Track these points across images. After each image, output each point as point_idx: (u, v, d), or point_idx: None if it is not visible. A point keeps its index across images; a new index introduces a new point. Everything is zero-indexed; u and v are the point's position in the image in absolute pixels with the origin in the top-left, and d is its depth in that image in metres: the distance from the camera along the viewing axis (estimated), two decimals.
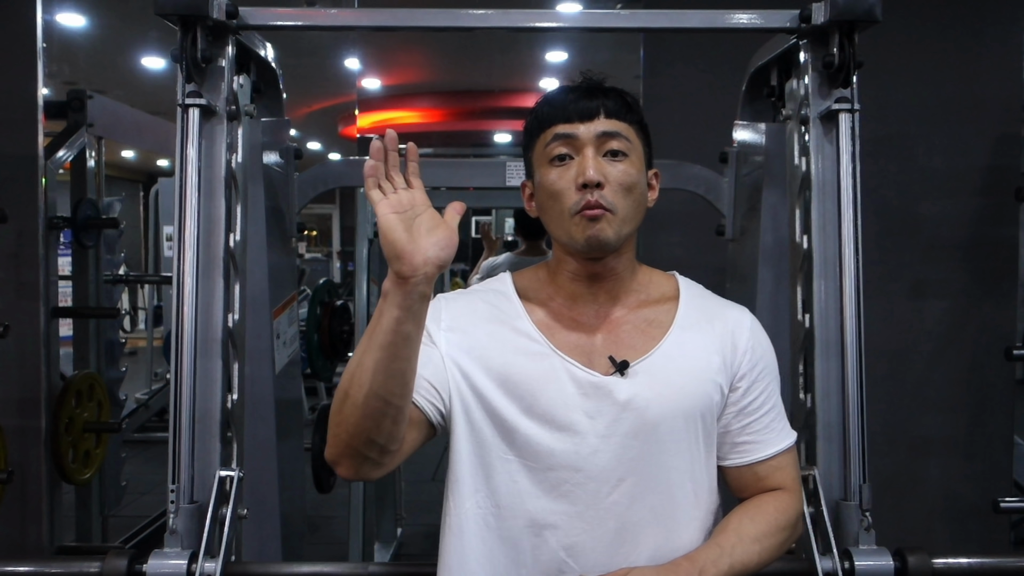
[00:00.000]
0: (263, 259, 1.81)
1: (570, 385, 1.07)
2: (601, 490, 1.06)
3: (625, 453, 1.06)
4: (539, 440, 1.06)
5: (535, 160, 1.14)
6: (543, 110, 1.13)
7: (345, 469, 1.02)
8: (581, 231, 1.07)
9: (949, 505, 2.67)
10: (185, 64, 1.38)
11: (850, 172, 1.41)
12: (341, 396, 0.98)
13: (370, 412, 0.96)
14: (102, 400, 2.79)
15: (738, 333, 1.15)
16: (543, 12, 1.56)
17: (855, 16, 1.37)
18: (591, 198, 1.06)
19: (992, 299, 2.63)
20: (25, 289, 2.41)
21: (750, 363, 1.14)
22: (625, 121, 1.11)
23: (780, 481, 1.15)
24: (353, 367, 0.97)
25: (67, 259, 2.99)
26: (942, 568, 1.31)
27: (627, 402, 1.06)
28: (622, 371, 1.07)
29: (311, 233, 15.00)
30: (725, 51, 2.07)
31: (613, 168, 1.08)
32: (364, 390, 0.95)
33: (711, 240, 2.20)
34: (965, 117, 2.60)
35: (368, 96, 7.90)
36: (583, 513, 1.06)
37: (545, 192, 1.11)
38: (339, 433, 0.99)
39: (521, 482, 1.07)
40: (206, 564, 1.26)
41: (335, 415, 0.99)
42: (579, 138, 1.08)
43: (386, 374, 0.95)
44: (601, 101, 1.10)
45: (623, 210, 1.08)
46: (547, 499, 1.06)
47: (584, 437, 1.06)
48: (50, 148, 2.54)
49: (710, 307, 1.18)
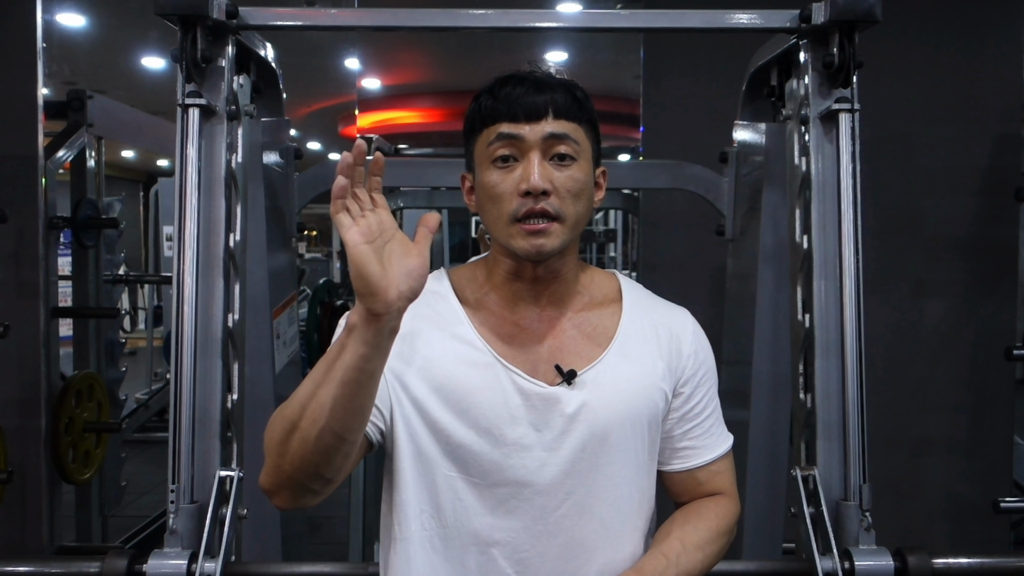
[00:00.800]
0: (263, 259, 1.81)
1: (516, 396, 1.03)
2: (549, 504, 1.02)
3: (574, 466, 1.03)
4: (485, 455, 1.02)
5: (476, 156, 1.07)
6: (487, 103, 1.05)
7: (282, 500, 0.96)
8: (520, 242, 1.02)
9: (949, 505, 2.67)
10: (185, 64, 1.38)
11: (850, 172, 1.41)
12: (286, 427, 0.90)
13: (322, 448, 0.89)
14: (102, 400, 2.79)
15: (682, 338, 1.13)
16: (543, 12, 1.55)
17: (855, 16, 1.37)
18: (535, 206, 1.00)
19: (992, 299, 2.63)
20: (25, 289, 2.41)
21: (693, 368, 1.13)
22: (574, 120, 1.04)
23: (719, 485, 1.14)
24: (304, 398, 0.89)
25: (67, 259, 2.99)
26: (942, 568, 1.31)
27: (575, 413, 1.03)
28: (569, 381, 1.03)
29: (311, 233, 15.00)
30: (725, 51, 2.07)
31: (560, 174, 1.02)
32: (319, 426, 0.88)
33: (711, 240, 2.20)
34: (965, 117, 2.60)
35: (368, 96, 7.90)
36: (531, 528, 1.02)
37: (485, 193, 1.05)
38: (281, 465, 0.92)
39: (466, 500, 1.02)
40: (206, 564, 1.26)
41: (277, 446, 0.91)
42: (525, 140, 1.02)
43: (345, 411, 0.88)
44: (550, 97, 1.03)
45: (570, 217, 1.03)
46: (493, 516, 1.02)
47: (531, 451, 1.02)
48: (50, 148, 2.54)
49: (653, 310, 1.15)
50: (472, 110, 1.08)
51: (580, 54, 6.25)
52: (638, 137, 2.77)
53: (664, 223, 2.72)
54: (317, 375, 0.89)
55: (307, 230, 14.37)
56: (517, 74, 1.07)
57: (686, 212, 2.62)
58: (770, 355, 1.88)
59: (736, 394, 2.05)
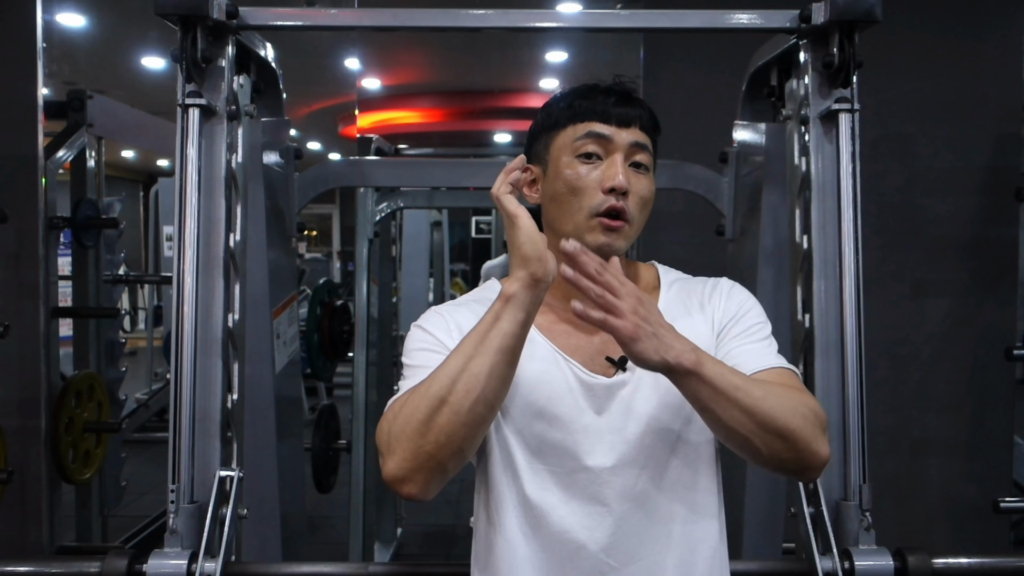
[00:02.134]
0: (263, 259, 1.81)
1: (578, 388, 1.08)
2: (626, 484, 1.07)
3: (642, 442, 1.07)
4: (560, 443, 1.07)
5: (556, 148, 1.13)
6: (579, 103, 1.12)
7: (416, 486, 0.97)
8: (596, 236, 1.08)
9: (949, 505, 2.67)
10: (185, 64, 1.38)
11: (850, 172, 1.41)
12: (432, 404, 0.95)
13: (474, 419, 0.95)
14: (102, 400, 2.79)
15: (714, 296, 1.16)
16: (543, 12, 1.56)
17: (855, 16, 1.37)
18: (616, 203, 1.08)
19: (992, 299, 2.63)
20: (25, 289, 2.41)
21: (727, 307, 1.14)
22: (651, 137, 1.15)
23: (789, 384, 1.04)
24: (454, 372, 0.95)
25: (67, 259, 2.99)
26: (942, 568, 1.31)
27: (631, 396, 1.08)
28: (623, 367, 1.09)
29: (311, 233, 15.00)
30: (725, 51, 2.07)
31: (637, 180, 1.11)
32: (472, 396, 0.94)
33: (711, 240, 2.20)
34: (965, 117, 2.60)
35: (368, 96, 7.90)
36: (613, 510, 1.07)
37: (565, 184, 1.10)
38: (423, 446, 0.95)
39: (551, 489, 1.07)
40: (206, 564, 1.26)
41: (420, 425, 0.95)
42: (613, 142, 1.10)
43: (499, 380, 0.96)
44: (639, 111, 1.13)
45: (637, 223, 1.12)
46: (577, 502, 1.07)
47: (601, 435, 1.07)
48: (50, 148, 2.54)
49: (689, 287, 1.19)
50: (558, 107, 1.14)
51: (580, 54, 6.24)
52: None
53: (664, 223, 2.71)
54: (466, 348, 0.96)
55: (307, 230, 14.37)
56: (608, 85, 1.16)
57: (686, 212, 2.62)
58: None
59: None
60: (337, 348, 3.81)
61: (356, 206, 3.15)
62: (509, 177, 1.02)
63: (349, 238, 11.37)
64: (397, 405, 0.99)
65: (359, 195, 3.12)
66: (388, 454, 0.97)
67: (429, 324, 1.11)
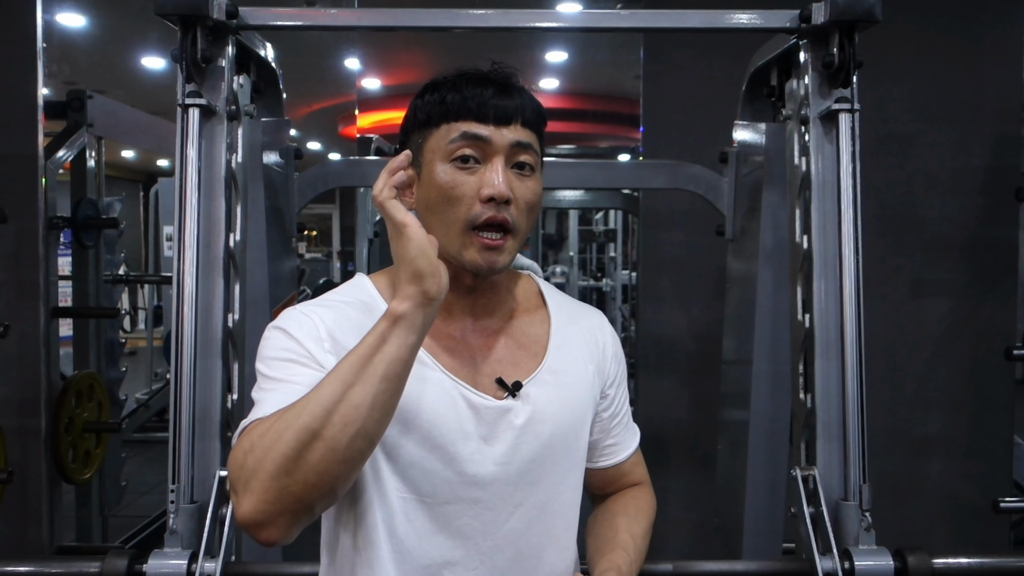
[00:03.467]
0: (263, 259, 1.81)
1: (467, 410, 0.99)
2: (499, 518, 1.01)
3: (523, 478, 1.01)
4: (437, 474, 0.98)
5: (429, 150, 1.00)
6: (451, 98, 0.99)
7: (276, 531, 0.83)
8: (473, 254, 0.98)
9: (949, 505, 2.67)
10: (185, 64, 1.38)
11: (850, 172, 1.41)
12: (302, 438, 0.81)
13: (352, 456, 0.83)
14: (102, 400, 2.79)
15: (604, 340, 1.14)
16: (543, 12, 1.55)
17: (855, 16, 1.37)
18: (496, 214, 0.96)
19: (992, 299, 2.63)
20: (25, 289, 2.41)
21: (615, 369, 1.15)
22: (536, 132, 1.02)
23: (639, 475, 1.20)
24: (328, 402, 0.82)
25: (67, 259, 2.99)
26: (942, 568, 1.31)
27: (524, 425, 1.01)
28: (514, 393, 1.01)
29: (311, 233, 14.99)
30: (725, 51, 2.07)
31: (522, 185, 0.99)
32: (352, 430, 0.82)
33: (711, 240, 2.20)
34: (965, 117, 2.60)
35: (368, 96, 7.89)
36: (480, 545, 1.00)
37: (439, 192, 0.98)
38: (288, 486, 0.81)
39: (417, 520, 0.98)
40: (206, 564, 1.26)
41: (285, 463, 0.81)
42: (492, 143, 0.98)
43: (383, 410, 0.85)
44: (519, 103, 1.00)
45: (522, 231, 1.00)
46: (444, 535, 0.99)
47: (482, 465, 0.99)
48: (50, 148, 2.54)
49: (574, 313, 1.14)
50: (429, 102, 1.02)
51: (580, 54, 6.24)
52: (638, 137, 2.77)
53: (664, 223, 2.71)
54: (345, 374, 0.84)
55: (307, 230, 14.37)
56: (483, 73, 1.03)
57: (686, 212, 2.62)
58: (770, 355, 1.88)
59: (736, 394, 2.05)
60: None
61: (356, 206, 3.15)
62: (393, 179, 0.89)
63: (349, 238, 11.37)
64: (255, 433, 0.84)
65: (359, 195, 3.12)
66: (243, 492, 0.82)
67: (293, 327, 0.96)
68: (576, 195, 4.03)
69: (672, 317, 2.72)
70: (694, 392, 2.69)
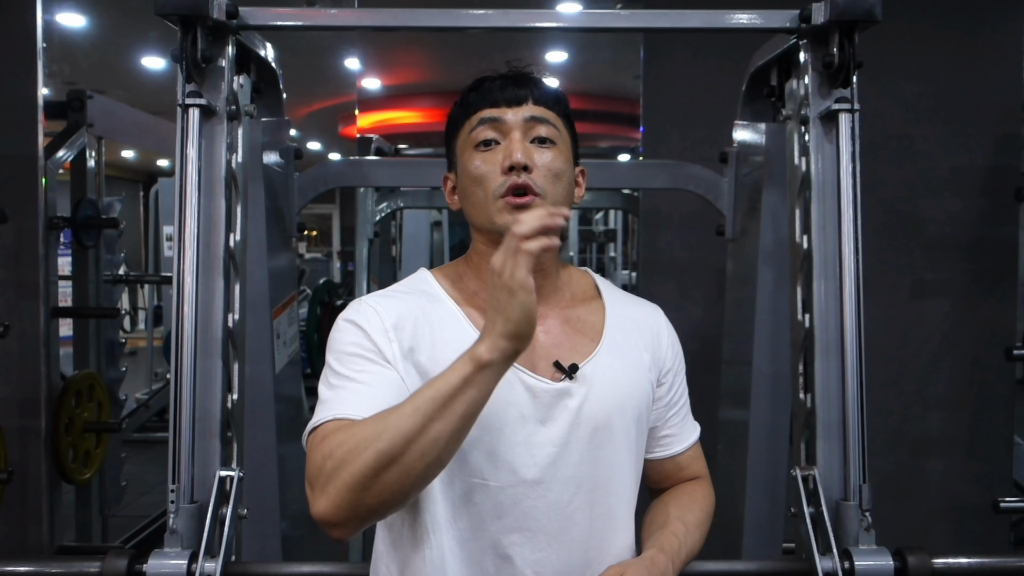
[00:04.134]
0: (263, 259, 1.81)
1: (524, 394, 1.03)
2: (561, 499, 1.03)
3: (582, 458, 1.04)
4: (499, 456, 1.01)
5: (459, 148, 1.10)
6: (469, 98, 1.09)
7: (346, 532, 0.91)
8: (503, 217, 1.02)
9: (949, 505, 2.67)
10: (185, 64, 1.38)
11: (850, 172, 1.41)
12: (381, 461, 0.86)
13: (424, 480, 0.90)
14: (102, 400, 2.79)
15: (659, 330, 1.18)
16: (543, 12, 1.55)
17: (855, 16, 1.37)
18: (517, 179, 1.02)
19: (992, 299, 2.63)
20: (25, 289, 2.41)
21: (672, 359, 1.18)
22: (553, 110, 1.08)
23: (697, 469, 1.22)
24: (410, 433, 0.86)
25: (67, 259, 2.99)
26: (942, 568, 1.31)
27: (580, 407, 1.04)
28: (571, 375, 1.05)
29: (311, 233, 15.00)
30: (725, 51, 2.07)
31: (541, 154, 1.05)
32: (428, 459, 0.87)
33: (711, 240, 2.20)
34: (965, 117, 2.60)
35: (368, 96, 7.89)
36: (545, 526, 1.03)
37: (468, 177, 1.06)
38: (364, 499, 0.87)
39: (482, 503, 1.02)
40: (206, 564, 1.26)
41: (363, 479, 0.86)
42: (506, 122, 1.05)
43: (458, 441, 0.90)
44: (530, 88, 1.08)
45: (551, 196, 1.04)
46: (510, 517, 1.02)
47: (542, 448, 1.02)
48: (50, 148, 2.54)
49: (629, 305, 1.18)
50: (454, 110, 1.12)
51: (580, 54, 6.24)
52: (638, 137, 2.77)
53: (664, 223, 2.72)
54: (428, 409, 0.87)
55: (307, 230, 14.37)
56: (500, 73, 1.11)
57: (686, 212, 2.62)
58: (770, 355, 1.88)
59: (736, 394, 2.05)
60: None
61: (356, 206, 3.15)
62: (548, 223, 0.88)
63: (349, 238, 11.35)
64: (334, 441, 0.90)
65: (359, 195, 3.12)
66: (320, 493, 0.89)
67: (363, 320, 1.02)
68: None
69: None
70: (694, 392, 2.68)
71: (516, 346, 0.89)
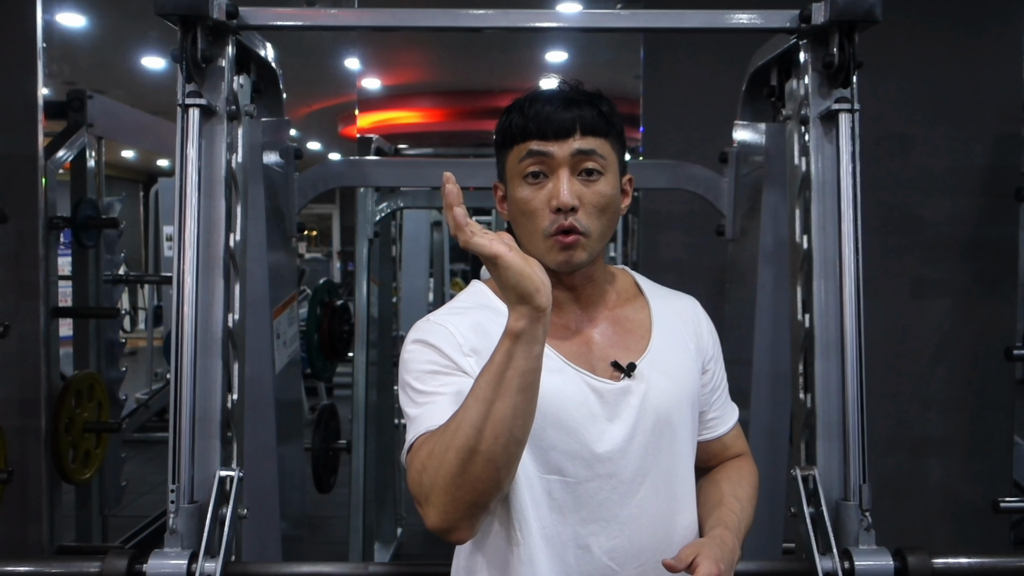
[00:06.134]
0: (263, 259, 1.81)
1: (592, 396, 1.09)
2: (631, 489, 1.09)
3: (647, 449, 1.10)
4: (576, 454, 1.07)
5: (508, 170, 1.13)
6: (517, 121, 1.10)
7: (464, 532, 0.97)
8: (554, 256, 1.08)
9: (949, 505, 2.67)
10: (185, 64, 1.38)
11: (850, 172, 1.41)
12: (463, 456, 0.92)
13: (509, 460, 0.94)
14: (102, 400, 2.79)
15: (698, 320, 1.24)
16: (543, 12, 1.55)
17: (855, 16, 1.37)
18: (564, 221, 1.06)
19: (992, 299, 2.63)
20: (25, 289, 2.41)
21: (712, 346, 1.23)
22: (601, 136, 1.09)
23: (741, 447, 1.27)
24: (476, 420, 0.92)
25: (67, 259, 2.99)
26: (942, 568, 1.31)
27: (641, 402, 1.10)
28: (629, 374, 1.10)
29: (311, 233, 15.00)
30: (725, 51, 2.07)
31: (588, 190, 1.08)
32: (503, 440, 0.92)
33: (711, 240, 2.20)
34: (965, 116, 2.60)
35: (368, 96, 7.89)
36: (619, 516, 1.08)
37: (518, 208, 1.10)
38: (460, 496, 0.93)
39: (560, 498, 1.07)
40: (206, 564, 1.26)
41: (454, 478, 0.92)
42: (554, 157, 1.07)
43: (525, 415, 0.94)
44: (577, 114, 1.08)
45: (597, 231, 1.09)
46: (587, 510, 1.08)
47: (611, 443, 1.08)
48: (50, 148, 2.54)
49: (668, 299, 1.24)
50: (503, 125, 1.13)
51: (580, 54, 6.24)
52: (638, 137, 2.77)
53: (664, 223, 2.72)
54: (484, 392, 0.92)
55: (307, 230, 14.37)
56: (546, 92, 1.12)
57: (686, 212, 2.62)
58: (770, 355, 1.88)
59: (736, 394, 2.04)
60: (337, 348, 3.81)
61: (356, 206, 3.15)
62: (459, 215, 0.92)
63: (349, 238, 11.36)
64: (423, 453, 0.96)
65: (359, 195, 3.11)
66: (427, 506, 0.96)
67: (434, 338, 1.07)
68: None
69: None
70: None
71: (533, 305, 0.91)
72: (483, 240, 0.92)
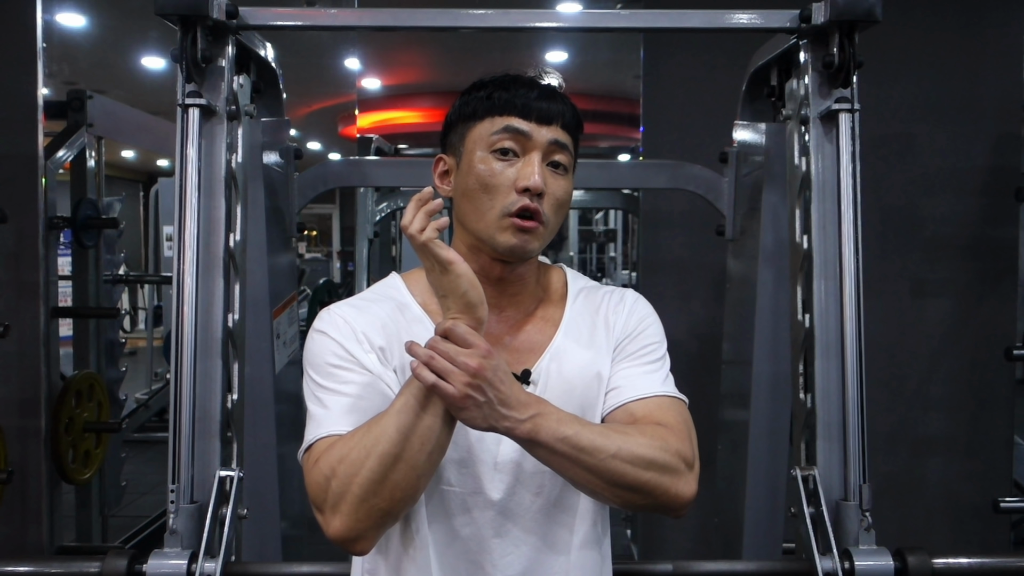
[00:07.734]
0: (263, 259, 1.81)
1: None
2: (524, 500, 1.05)
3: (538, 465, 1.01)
4: (470, 463, 1.04)
5: (471, 140, 1.06)
6: (499, 95, 1.06)
7: (368, 542, 0.93)
8: (507, 237, 1.03)
9: (949, 505, 2.67)
10: (185, 64, 1.38)
11: (850, 172, 1.41)
12: (385, 463, 0.89)
13: (430, 469, 0.93)
14: (102, 400, 2.80)
15: (618, 311, 1.12)
16: (543, 12, 1.55)
17: (855, 16, 1.37)
18: (530, 203, 1.02)
19: (992, 299, 2.63)
20: (25, 289, 2.41)
21: (631, 324, 1.11)
22: (572, 137, 1.08)
23: (660, 419, 1.04)
24: (404, 428, 0.90)
25: (67, 259, 2.99)
26: (942, 568, 1.31)
27: None
28: (526, 381, 1.06)
29: (311, 233, 14.99)
30: (725, 51, 2.07)
31: (555, 182, 1.05)
32: (428, 447, 0.91)
33: (711, 240, 2.20)
34: (965, 117, 2.60)
35: (368, 96, 7.89)
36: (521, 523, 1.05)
37: (478, 180, 1.04)
38: (376, 504, 0.90)
39: (461, 507, 1.04)
40: (206, 564, 1.26)
41: (371, 485, 0.89)
42: (532, 139, 1.04)
43: (452, 426, 0.93)
44: (561, 108, 1.06)
45: (552, 225, 1.06)
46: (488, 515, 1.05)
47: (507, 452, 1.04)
48: (50, 148, 2.54)
49: (596, 298, 1.15)
50: (477, 97, 1.08)
51: (580, 54, 6.24)
52: (638, 137, 2.77)
53: (664, 223, 2.71)
54: (414, 403, 0.91)
55: (307, 230, 14.37)
56: (529, 77, 1.10)
57: (686, 212, 2.62)
58: (770, 355, 1.88)
59: (736, 394, 2.05)
60: None
61: (356, 206, 3.15)
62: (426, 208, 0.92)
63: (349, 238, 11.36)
64: (333, 458, 0.92)
65: (359, 195, 3.12)
66: (332, 513, 0.91)
67: (334, 331, 1.03)
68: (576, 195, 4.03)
69: (672, 317, 2.70)
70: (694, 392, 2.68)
71: (476, 314, 0.92)
72: (439, 242, 0.92)
